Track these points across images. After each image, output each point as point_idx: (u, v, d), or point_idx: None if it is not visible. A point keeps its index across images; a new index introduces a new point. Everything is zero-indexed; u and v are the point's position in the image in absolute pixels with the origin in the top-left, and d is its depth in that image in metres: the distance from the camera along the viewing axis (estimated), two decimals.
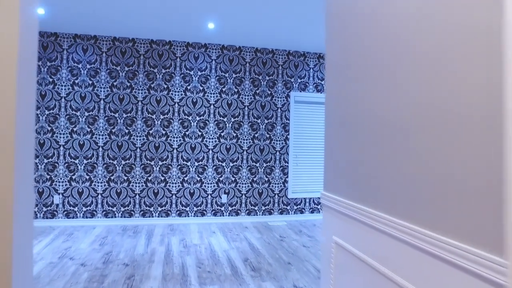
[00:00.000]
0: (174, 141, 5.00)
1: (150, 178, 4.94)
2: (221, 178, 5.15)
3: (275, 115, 5.32)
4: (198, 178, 5.08)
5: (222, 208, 5.16)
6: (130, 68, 4.89)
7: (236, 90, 5.20)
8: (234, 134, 5.19)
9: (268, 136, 5.30)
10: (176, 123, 5.01)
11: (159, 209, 4.97)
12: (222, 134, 5.15)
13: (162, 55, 4.98)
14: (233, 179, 5.19)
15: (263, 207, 5.29)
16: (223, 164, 5.16)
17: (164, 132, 4.97)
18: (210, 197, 5.12)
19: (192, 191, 5.07)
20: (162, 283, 2.86)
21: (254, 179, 5.26)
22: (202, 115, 5.09)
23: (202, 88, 5.10)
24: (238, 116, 5.20)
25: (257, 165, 5.26)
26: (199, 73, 5.09)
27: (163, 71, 4.98)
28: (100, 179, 4.80)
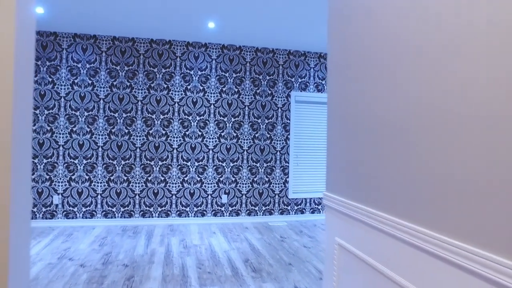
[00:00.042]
0: (174, 141, 4.98)
1: (150, 178, 4.92)
2: (221, 178, 5.13)
3: (276, 115, 5.30)
4: (198, 178, 5.06)
5: (223, 208, 5.14)
6: (130, 67, 4.87)
7: (236, 90, 5.17)
8: (235, 134, 5.17)
9: (268, 136, 5.28)
10: (176, 123, 4.99)
11: (159, 209, 4.95)
12: (223, 134, 5.13)
13: (162, 55, 4.96)
14: (233, 179, 5.17)
15: (264, 208, 5.26)
16: (223, 164, 5.13)
17: (164, 132, 4.95)
18: (210, 197, 5.10)
19: (192, 191, 5.04)
20: (162, 284, 2.84)
21: (255, 179, 5.23)
22: (202, 115, 5.07)
23: (202, 87, 5.08)
24: (238, 116, 5.18)
25: (257, 165, 5.24)
26: (199, 72, 5.07)
27: (163, 71, 4.96)
28: (99, 179, 4.78)
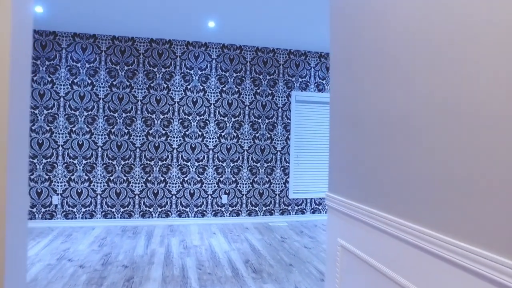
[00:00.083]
0: (174, 141, 4.96)
1: (149, 179, 4.89)
2: (221, 179, 5.11)
3: (276, 115, 5.28)
4: (198, 179, 5.04)
5: (223, 208, 5.11)
6: (130, 67, 4.85)
7: (236, 90, 5.15)
8: (235, 134, 5.14)
9: (269, 136, 5.25)
10: (176, 123, 4.96)
11: (159, 209, 4.92)
12: (223, 134, 5.11)
13: (162, 54, 4.93)
14: (233, 180, 5.15)
15: (264, 208, 5.24)
16: (224, 164, 5.11)
17: (164, 132, 4.93)
18: (210, 197, 5.07)
19: (192, 192, 5.02)
20: (162, 285, 2.81)
21: (255, 179, 5.21)
22: (202, 115, 5.05)
23: (202, 87, 5.05)
24: (238, 115, 5.15)
25: (257, 165, 5.22)
26: (199, 72, 5.05)
27: (163, 70, 4.94)
28: (99, 180, 4.76)
